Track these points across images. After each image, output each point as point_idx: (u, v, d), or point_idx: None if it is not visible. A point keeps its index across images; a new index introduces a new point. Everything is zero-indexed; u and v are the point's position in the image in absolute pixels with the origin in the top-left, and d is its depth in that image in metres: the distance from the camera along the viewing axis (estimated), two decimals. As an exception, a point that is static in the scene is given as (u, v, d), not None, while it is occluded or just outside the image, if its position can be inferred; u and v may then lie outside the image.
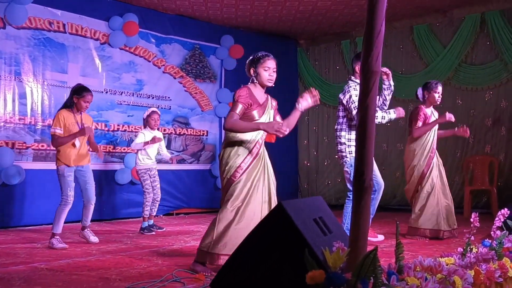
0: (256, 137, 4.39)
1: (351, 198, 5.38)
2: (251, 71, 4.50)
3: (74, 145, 5.85)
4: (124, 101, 8.90)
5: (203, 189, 9.96)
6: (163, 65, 9.46)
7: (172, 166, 9.37)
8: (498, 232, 3.69)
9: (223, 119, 10.21)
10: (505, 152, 9.22)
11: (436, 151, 6.69)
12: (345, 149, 5.80)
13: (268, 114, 4.51)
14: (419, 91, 6.74)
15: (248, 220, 4.13)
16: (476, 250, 3.45)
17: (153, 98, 9.25)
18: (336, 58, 11.48)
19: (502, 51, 9.08)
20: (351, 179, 5.21)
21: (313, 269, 2.04)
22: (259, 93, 4.49)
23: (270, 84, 4.49)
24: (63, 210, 5.86)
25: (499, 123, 9.28)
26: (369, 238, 5.84)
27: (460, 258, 3.26)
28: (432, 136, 6.61)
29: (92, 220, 8.00)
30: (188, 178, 9.74)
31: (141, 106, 8.95)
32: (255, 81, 4.48)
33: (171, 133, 9.53)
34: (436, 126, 6.70)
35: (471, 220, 3.35)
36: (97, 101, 8.44)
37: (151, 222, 7.18)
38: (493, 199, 8.74)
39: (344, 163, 5.84)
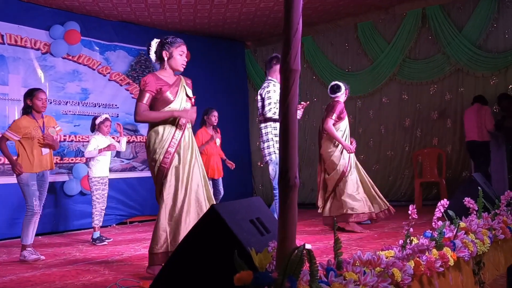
0: (176, 119, 4.35)
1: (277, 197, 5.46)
2: (164, 53, 4.45)
3: (41, 152, 5.71)
4: (69, 111, 8.73)
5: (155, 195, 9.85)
6: (108, 72, 9.32)
7: (123, 174, 9.26)
8: (439, 222, 3.76)
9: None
10: (452, 144, 9.41)
11: (352, 138, 7.11)
12: (273, 145, 5.93)
13: (183, 92, 4.48)
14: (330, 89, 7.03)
15: (196, 208, 4.19)
16: (417, 242, 3.49)
17: (99, 106, 9.11)
18: (284, 58, 11.51)
19: (444, 45, 9.27)
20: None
21: (242, 270, 2.03)
22: (168, 76, 4.47)
23: (182, 69, 4.51)
24: (30, 221, 5.61)
25: (444, 116, 9.47)
26: None
27: (400, 251, 3.29)
28: (345, 125, 6.94)
29: (41, 234, 7.94)
30: (140, 186, 9.61)
31: (88, 115, 8.80)
32: (165, 66, 4.46)
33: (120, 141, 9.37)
34: (346, 123, 6.93)
35: (409, 212, 3.38)
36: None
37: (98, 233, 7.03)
38: (442, 191, 8.92)
39: (270, 161, 5.99)
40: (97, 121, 7.20)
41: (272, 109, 5.87)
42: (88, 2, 8.47)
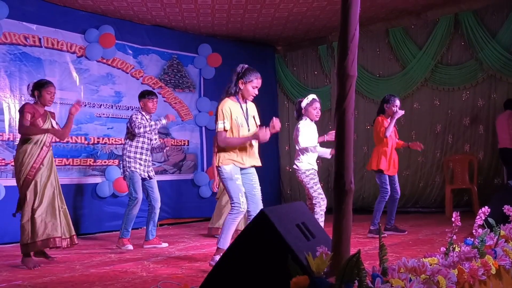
0: (43, 140, 5.50)
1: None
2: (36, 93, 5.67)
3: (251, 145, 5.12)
4: (103, 114, 8.84)
5: (186, 198, 9.92)
6: (141, 76, 9.42)
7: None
8: (479, 230, 3.72)
9: (203, 128, 10.20)
10: (484, 150, 9.33)
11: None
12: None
13: (49, 122, 5.68)
14: None
15: (50, 210, 5.48)
16: (459, 249, 3.47)
17: (132, 109, 9.16)
18: (314, 63, 11.54)
19: (477, 50, 9.20)
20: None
21: (297, 274, 2.04)
22: (40, 108, 5.63)
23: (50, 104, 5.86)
24: (234, 220, 4.70)
25: (476, 122, 9.40)
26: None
27: (443, 258, 3.27)
28: None
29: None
30: (171, 189, 9.69)
31: (121, 118, 8.90)
32: (37, 101, 5.62)
33: (152, 144, 9.47)
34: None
35: (453, 219, 3.36)
36: (76, 115, 8.39)
37: None
38: (473, 198, 8.82)
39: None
40: (303, 104, 6.22)
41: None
42: (123, 6, 8.58)
